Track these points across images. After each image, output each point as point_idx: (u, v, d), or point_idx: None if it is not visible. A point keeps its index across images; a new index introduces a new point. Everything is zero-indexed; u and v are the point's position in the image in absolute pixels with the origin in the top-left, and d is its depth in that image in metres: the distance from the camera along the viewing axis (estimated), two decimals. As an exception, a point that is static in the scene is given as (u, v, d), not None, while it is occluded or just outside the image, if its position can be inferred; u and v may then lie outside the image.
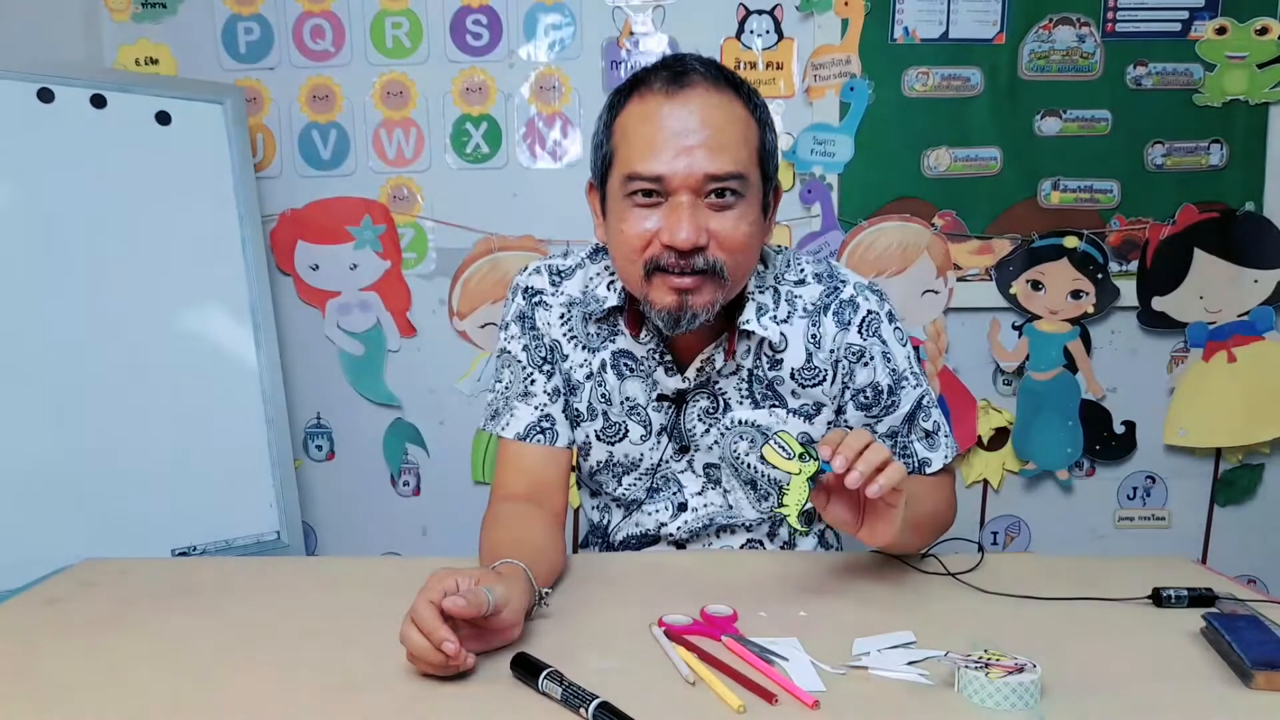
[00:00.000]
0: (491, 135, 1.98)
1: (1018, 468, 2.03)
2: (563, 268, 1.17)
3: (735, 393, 1.11)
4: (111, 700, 0.73)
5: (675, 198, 0.96)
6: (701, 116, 0.96)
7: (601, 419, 1.14)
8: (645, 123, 0.98)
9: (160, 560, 1.19)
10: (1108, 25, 1.89)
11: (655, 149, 0.96)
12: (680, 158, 0.95)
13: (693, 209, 0.96)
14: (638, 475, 1.16)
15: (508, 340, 1.16)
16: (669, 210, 0.97)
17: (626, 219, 0.99)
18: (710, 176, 0.96)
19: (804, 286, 1.11)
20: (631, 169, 0.97)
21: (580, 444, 1.17)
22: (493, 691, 0.73)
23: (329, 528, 2.10)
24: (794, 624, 0.87)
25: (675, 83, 0.97)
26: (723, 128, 0.97)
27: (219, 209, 1.78)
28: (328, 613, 0.91)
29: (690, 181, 0.95)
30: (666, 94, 0.97)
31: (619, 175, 1.00)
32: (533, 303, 1.15)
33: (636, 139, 0.98)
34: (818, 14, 1.91)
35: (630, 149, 0.98)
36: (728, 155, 0.96)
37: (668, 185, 0.96)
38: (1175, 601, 0.92)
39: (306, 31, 1.96)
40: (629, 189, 0.98)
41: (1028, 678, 0.70)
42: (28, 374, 1.56)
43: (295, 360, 2.02)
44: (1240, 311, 1.96)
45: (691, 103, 0.96)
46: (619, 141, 1.01)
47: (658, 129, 0.96)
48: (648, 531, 1.18)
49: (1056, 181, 1.94)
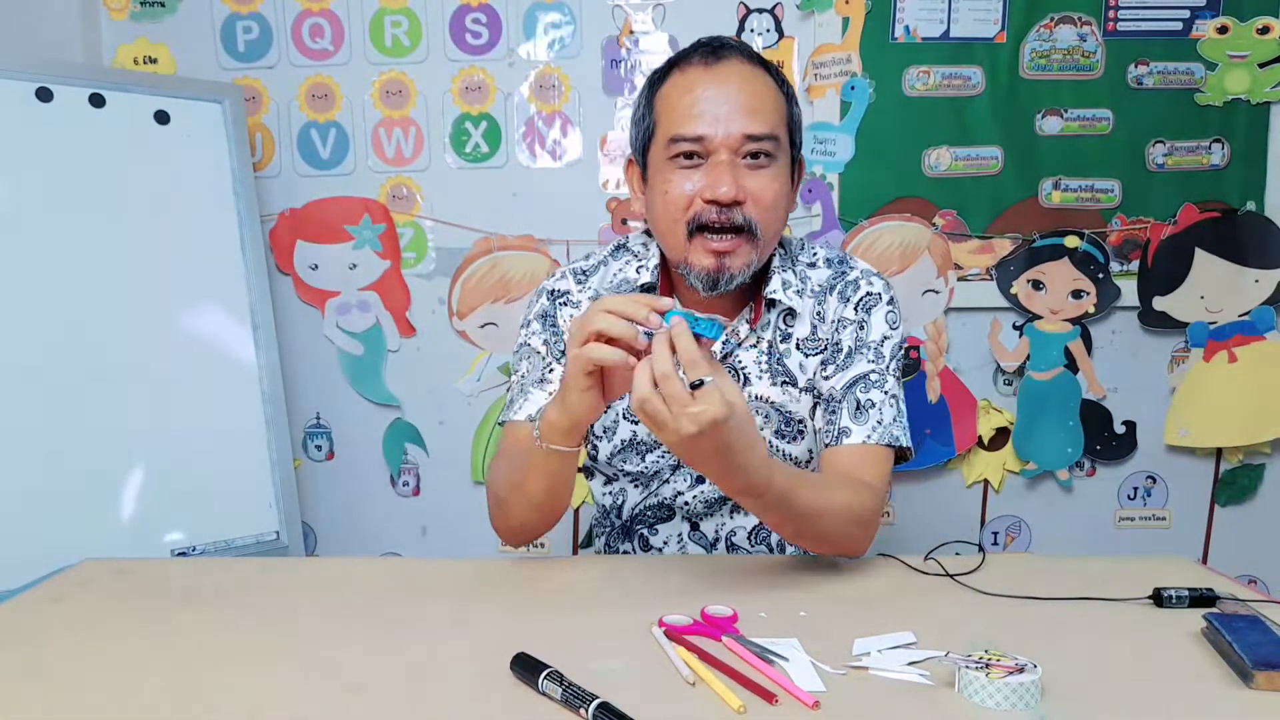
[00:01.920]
0: (491, 134, 1.98)
1: (1018, 468, 2.03)
2: (586, 268, 1.22)
3: (755, 366, 1.15)
4: (112, 700, 0.73)
5: (715, 157, 1.05)
6: (739, 84, 1.05)
7: (628, 398, 1.15)
8: (687, 91, 1.06)
9: (160, 560, 1.19)
10: (1109, 24, 1.89)
11: (697, 113, 1.05)
12: (720, 120, 1.04)
13: (732, 167, 1.04)
14: (663, 451, 1.18)
15: (529, 336, 1.20)
16: (710, 168, 1.05)
17: (671, 180, 1.07)
18: (748, 136, 1.04)
19: (815, 269, 1.19)
20: (675, 132, 1.06)
21: (608, 425, 1.19)
22: (493, 691, 0.73)
23: (328, 528, 2.10)
24: (794, 624, 0.87)
25: (713, 56, 1.07)
26: (758, 94, 1.06)
27: (218, 208, 1.78)
28: (327, 613, 0.91)
29: (730, 141, 1.04)
30: (706, 65, 1.07)
31: (662, 141, 1.08)
32: (557, 303, 1.20)
33: (680, 106, 1.06)
34: (818, 13, 1.91)
35: (673, 115, 1.07)
36: (763, 118, 1.05)
37: (708, 145, 1.04)
38: (1176, 602, 0.92)
39: (305, 30, 1.96)
40: (672, 152, 1.06)
41: (1028, 678, 0.70)
42: (26, 373, 1.55)
43: (295, 360, 2.02)
44: (1241, 311, 1.96)
45: (729, 72, 1.06)
46: (661, 112, 1.09)
47: (699, 96, 1.05)
48: (664, 501, 1.20)
49: (1057, 181, 1.94)
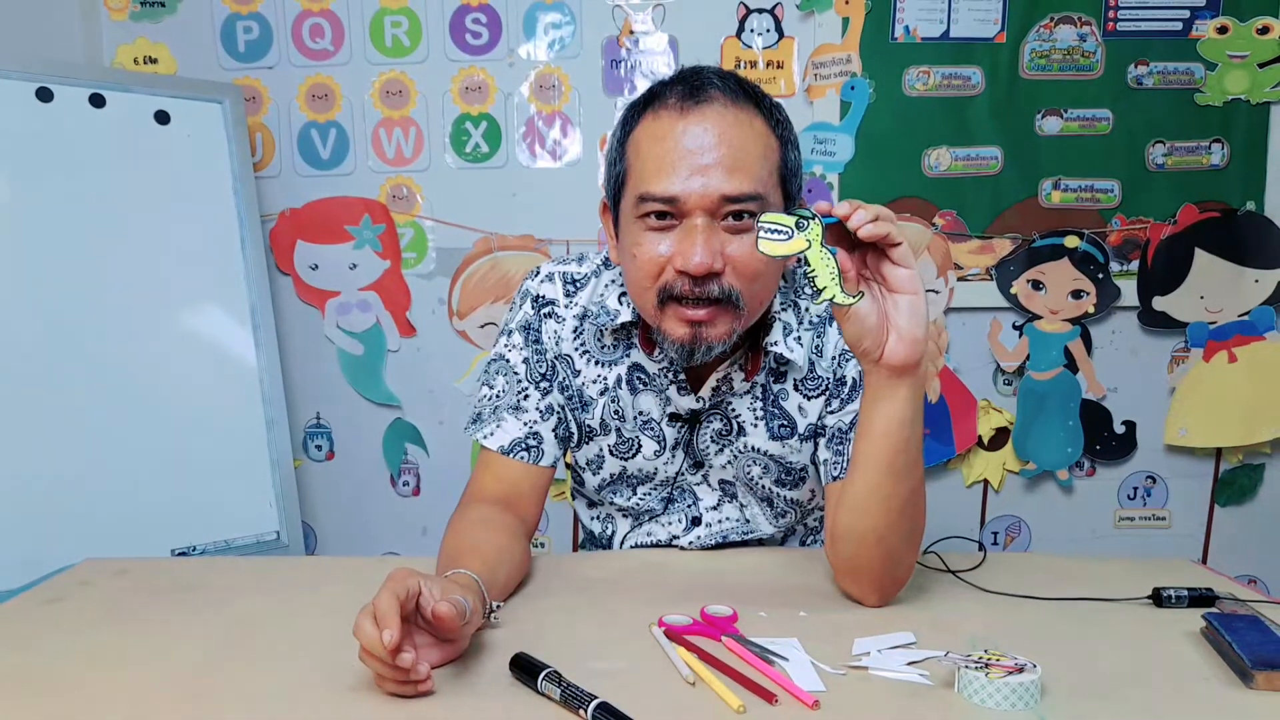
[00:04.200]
0: (491, 134, 1.98)
1: (1018, 468, 2.03)
2: (577, 276, 1.11)
3: (749, 414, 1.07)
4: (112, 700, 0.73)
5: (689, 220, 0.92)
6: (718, 134, 0.92)
7: (615, 434, 1.11)
8: (659, 141, 0.93)
9: (160, 560, 1.19)
10: (1109, 24, 1.89)
11: (669, 168, 0.92)
12: (695, 177, 0.91)
13: (708, 232, 0.92)
14: (652, 486, 1.14)
15: (508, 349, 1.11)
16: (683, 233, 0.93)
17: (640, 242, 0.95)
18: (726, 198, 0.91)
19: None
20: (644, 189, 0.93)
21: (591, 459, 1.13)
22: (492, 691, 0.73)
23: (328, 527, 2.10)
24: (794, 624, 0.87)
25: (691, 98, 0.93)
26: (741, 146, 0.92)
27: (218, 208, 1.78)
28: (327, 613, 0.91)
29: (705, 203, 0.91)
30: (681, 110, 0.93)
31: (632, 195, 0.96)
32: (541, 314, 1.10)
33: (650, 157, 0.94)
34: (818, 13, 1.91)
35: (643, 168, 0.94)
36: (745, 175, 0.92)
37: (682, 207, 0.92)
38: (1176, 602, 0.92)
39: (306, 30, 1.96)
40: (641, 210, 0.94)
41: (1028, 678, 0.70)
42: (27, 374, 1.55)
43: (295, 360, 2.02)
44: (1241, 311, 1.96)
45: (708, 119, 0.92)
46: (632, 160, 0.97)
47: (672, 147, 0.92)
48: (659, 543, 1.16)
49: (1057, 181, 1.94)
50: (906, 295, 0.82)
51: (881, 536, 0.89)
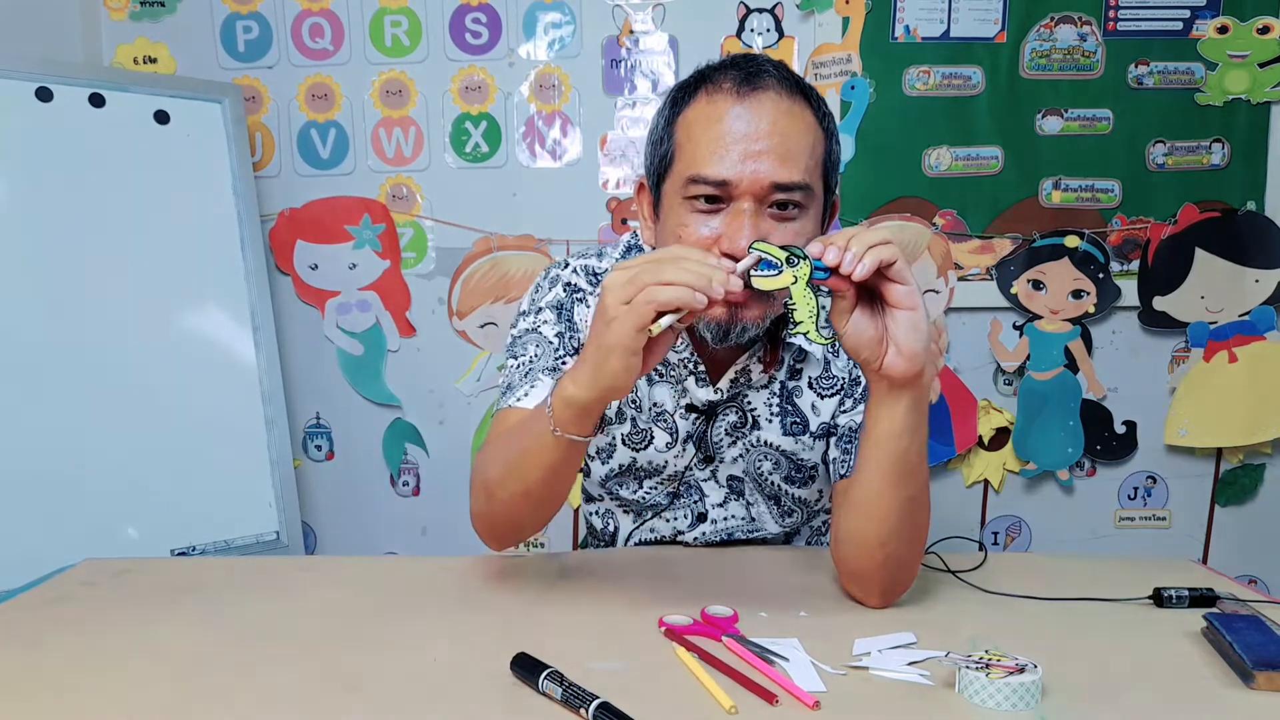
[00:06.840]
0: (491, 134, 1.98)
1: (1018, 468, 2.03)
2: (598, 270, 1.12)
3: (765, 409, 1.08)
4: (112, 700, 0.73)
5: (737, 204, 0.92)
6: (772, 121, 0.92)
7: (629, 424, 1.10)
8: (713, 124, 0.94)
9: (160, 560, 1.19)
10: (1109, 24, 1.89)
11: (722, 152, 0.92)
12: (748, 163, 0.91)
13: (755, 217, 0.92)
14: (659, 480, 1.13)
15: (540, 323, 1.09)
16: (730, 216, 0.93)
17: (686, 224, 0.95)
18: (776, 185, 0.92)
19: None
20: (695, 171, 0.93)
21: (602, 447, 1.13)
22: (493, 691, 0.73)
23: (328, 528, 2.10)
24: (794, 624, 0.87)
25: (747, 84, 0.94)
26: (792, 135, 0.93)
27: (218, 208, 1.78)
28: (327, 613, 0.91)
29: (755, 189, 0.92)
30: (738, 94, 0.94)
31: (679, 177, 0.96)
32: (573, 297, 1.10)
33: (703, 140, 0.94)
34: (818, 12, 1.90)
35: (695, 150, 0.94)
36: (795, 164, 0.92)
37: (731, 191, 0.92)
38: (1176, 602, 0.92)
39: (305, 30, 1.95)
40: (690, 192, 0.95)
41: (1028, 678, 0.70)
42: (26, 373, 1.55)
43: (295, 360, 2.02)
44: (1241, 311, 1.96)
45: (763, 106, 0.93)
46: (682, 140, 0.97)
47: (726, 131, 0.92)
48: (663, 538, 1.16)
49: (1058, 181, 1.94)
50: (905, 311, 0.83)
51: (884, 541, 0.90)
